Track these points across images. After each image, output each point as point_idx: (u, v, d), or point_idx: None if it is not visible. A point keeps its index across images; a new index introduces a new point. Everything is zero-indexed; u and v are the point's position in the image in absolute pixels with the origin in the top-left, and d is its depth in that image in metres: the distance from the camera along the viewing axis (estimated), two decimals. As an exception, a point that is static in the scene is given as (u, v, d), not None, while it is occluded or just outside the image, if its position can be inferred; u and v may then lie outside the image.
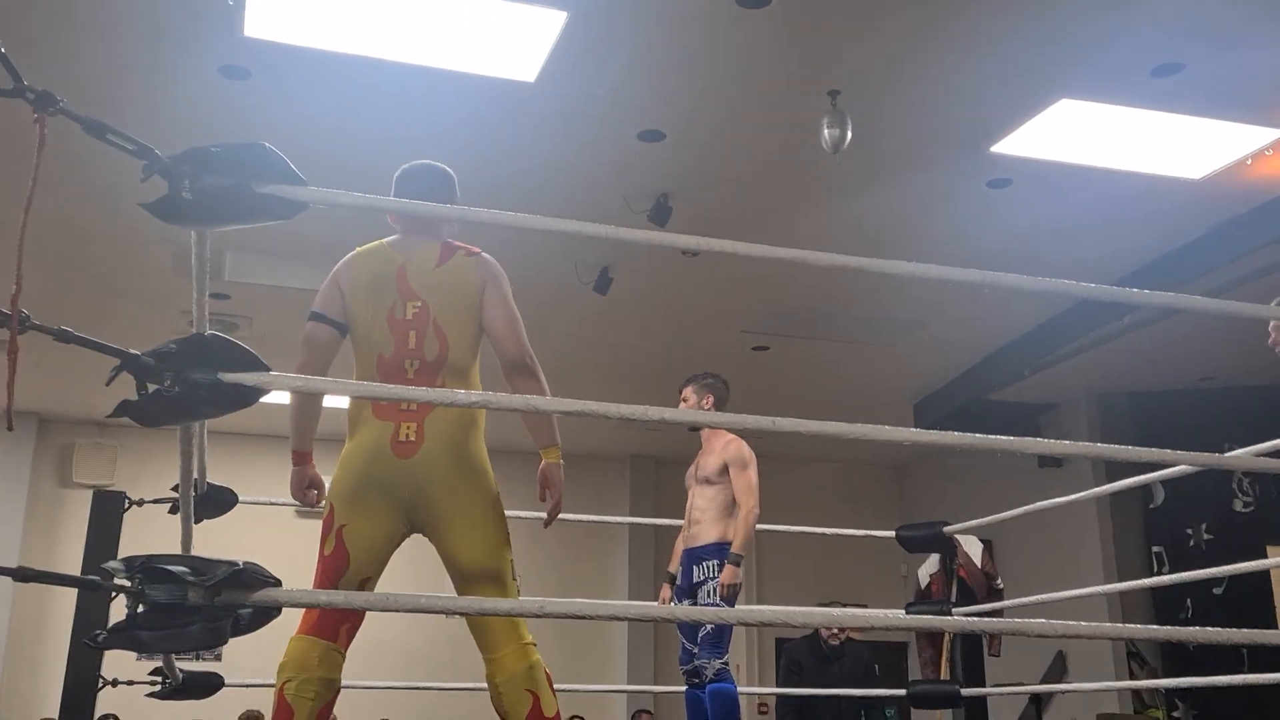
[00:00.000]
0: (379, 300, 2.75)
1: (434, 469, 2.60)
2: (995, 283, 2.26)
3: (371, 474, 2.62)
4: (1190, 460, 2.46)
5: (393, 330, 2.72)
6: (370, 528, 2.62)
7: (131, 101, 4.93)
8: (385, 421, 2.64)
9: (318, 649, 2.57)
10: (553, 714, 2.62)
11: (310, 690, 2.54)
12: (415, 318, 2.72)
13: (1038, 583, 6.41)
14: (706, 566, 4.31)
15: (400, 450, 2.61)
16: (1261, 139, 5.29)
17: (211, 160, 1.77)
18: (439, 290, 2.76)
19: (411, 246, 2.83)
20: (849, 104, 4.94)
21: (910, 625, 3.49)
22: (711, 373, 4.63)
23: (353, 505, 2.63)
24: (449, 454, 2.63)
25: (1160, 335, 7.24)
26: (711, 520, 4.40)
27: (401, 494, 2.62)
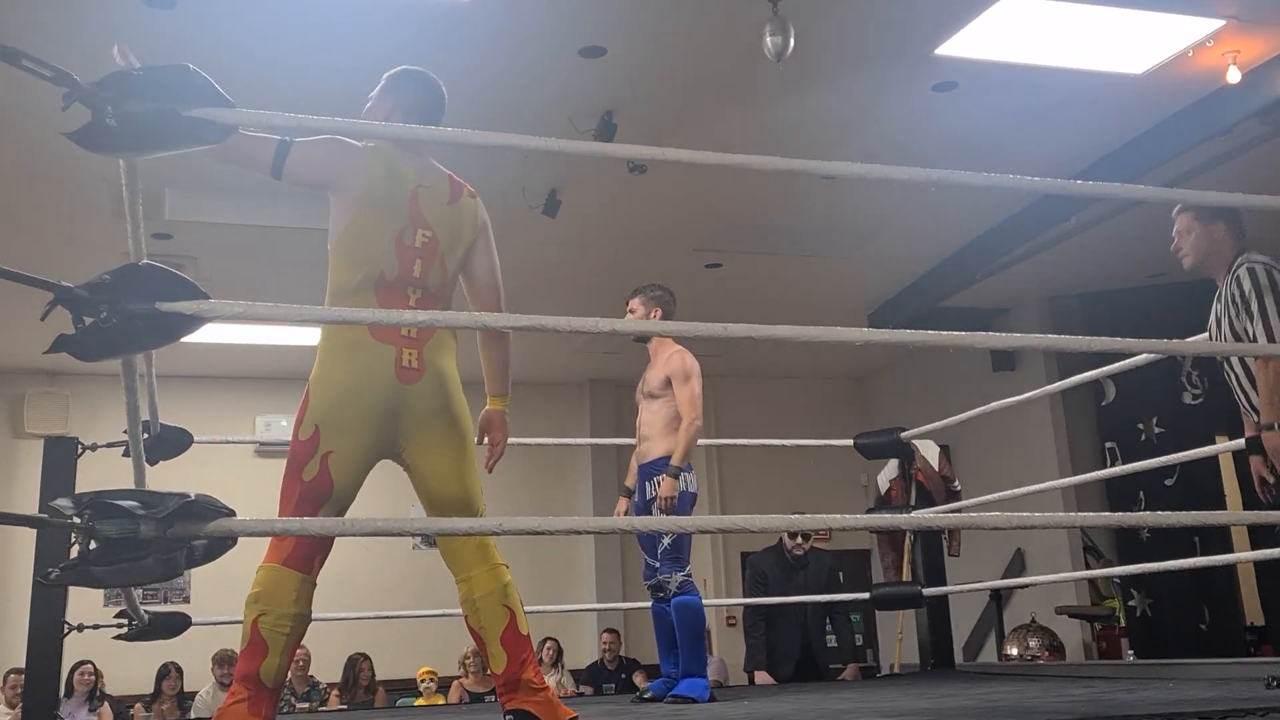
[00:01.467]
0: (389, 217, 2.67)
1: (434, 396, 2.64)
2: (941, 180, 2.25)
3: (371, 400, 2.57)
4: (1142, 348, 2.49)
5: (399, 253, 2.66)
6: (358, 455, 2.60)
7: (50, 32, 4.77)
8: (386, 345, 2.59)
9: (293, 581, 2.53)
10: (526, 633, 2.67)
11: (286, 626, 2.50)
12: (424, 247, 2.70)
13: (995, 484, 6.51)
14: (657, 482, 4.30)
15: (405, 376, 2.59)
16: (1202, 30, 5.29)
17: (134, 84, 1.72)
18: (449, 227, 2.77)
19: (422, 171, 2.77)
20: (791, 10, 4.88)
21: (870, 524, 3.54)
22: (658, 284, 4.54)
23: (343, 431, 2.57)
24: (445, 382, 2.67)
25: (1109, 234, 7.30)
26: (659, 435, 4.38)
27: (397, 420, 2.61)
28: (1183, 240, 3.48)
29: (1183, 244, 3.48)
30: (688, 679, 4.26)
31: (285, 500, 2.57)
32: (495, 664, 2.63)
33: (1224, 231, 3.40)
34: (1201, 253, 3.44)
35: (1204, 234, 3.42)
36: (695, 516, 4.04)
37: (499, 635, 2.60)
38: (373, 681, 8.62)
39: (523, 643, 2.64)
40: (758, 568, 6.49)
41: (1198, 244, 3.44)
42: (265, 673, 2.46)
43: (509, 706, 2.61)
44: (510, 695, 2.62)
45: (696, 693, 4.20)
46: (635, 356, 9.82)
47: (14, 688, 7.23)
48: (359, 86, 5.51)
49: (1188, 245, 3.46)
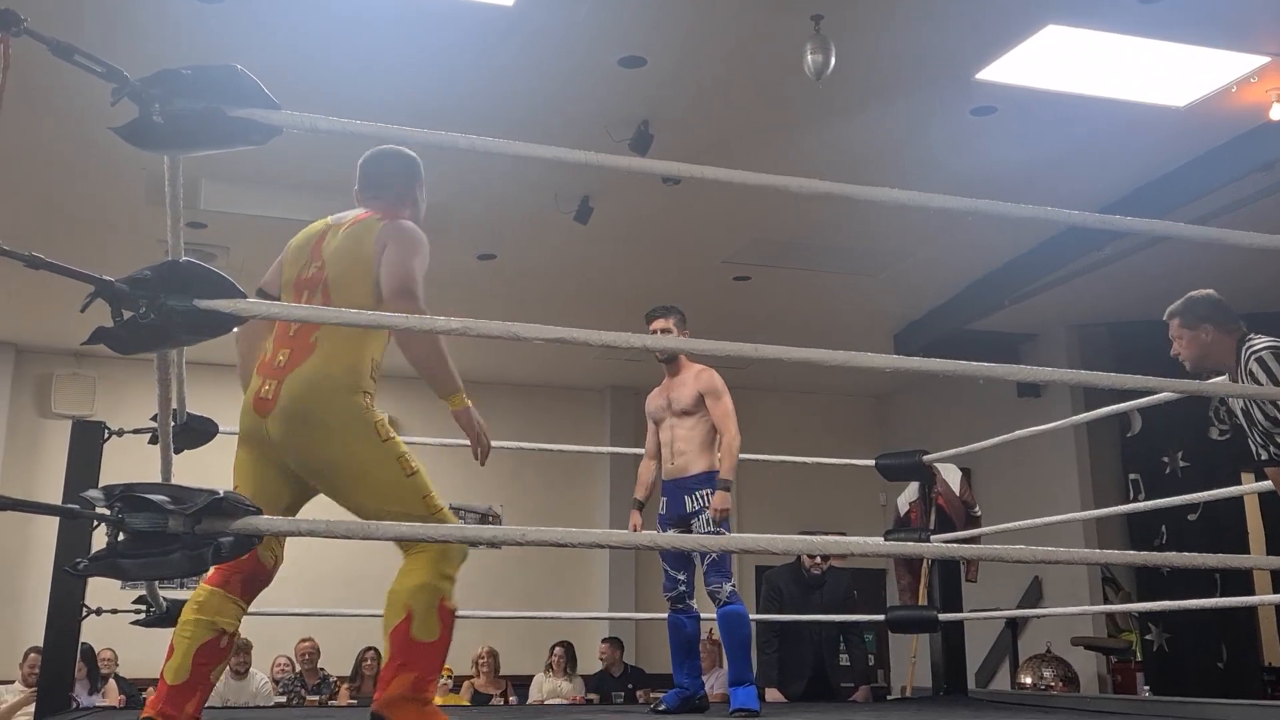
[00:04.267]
0: (296, 265, 2.83)
1: (285, 427, 2.59)
2: (979, 209, 2.25)
3: (244, 431, 2.69)
4: (1168, 386, 2.48)
5: (295, 291, 2.78)
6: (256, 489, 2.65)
7: (99, 24, 4.82)
8: (260, 377, 2.68)
9: (204, 593, 2.66)
10: (427, 640, 2.57)
11: (188, 630, 2.62)
12: (312, 278, 2.76)
13: (1016, 511, 6.48)
14: (699, 496, 4.33)
15: (258, 406, 2.63)
16: (1246, 66, 5.26)
17: (183, 83, 1.74)
18: (338, 252, 2.76)
19: (344, 216, 2.87)
20: (832, 29, 4.88)
21: (891, 551, 3.52)
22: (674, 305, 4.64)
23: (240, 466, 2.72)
24: (299, 414, 2.58)
25: (1140, 265, 7.25)
26: (696, 451, 4.41)
27: (270, 453, 2.64)
28: (1177, 345, 3.56)
29: (1179, 349, 3.55)
30: (741, 688, 4.26)
31: None
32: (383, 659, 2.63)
33: (1212, 332, 3.46)
34: (1197, 357, 3.52)
35: (1193, 340, 3.50)
36: (719, 536, 4.04)
37: (389, 630, 2.61)
38: (378, 674, 8.64)
39: (412, 647, 2.56)
40: (774, 584, 6.48)
41: (1190, 349, 3.52)
42: (168, 671, 2.60)
43: (372, 709, 2.58)
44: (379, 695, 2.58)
45: (754, 702, 4.23)
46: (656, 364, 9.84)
47: (32, 667, 7.28)
48: (402, 89, 5.59)
49: (1183, 350, 3.53)
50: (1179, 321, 3.52)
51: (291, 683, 8.28)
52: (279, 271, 2.89)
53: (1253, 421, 3.45)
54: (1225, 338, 3.46)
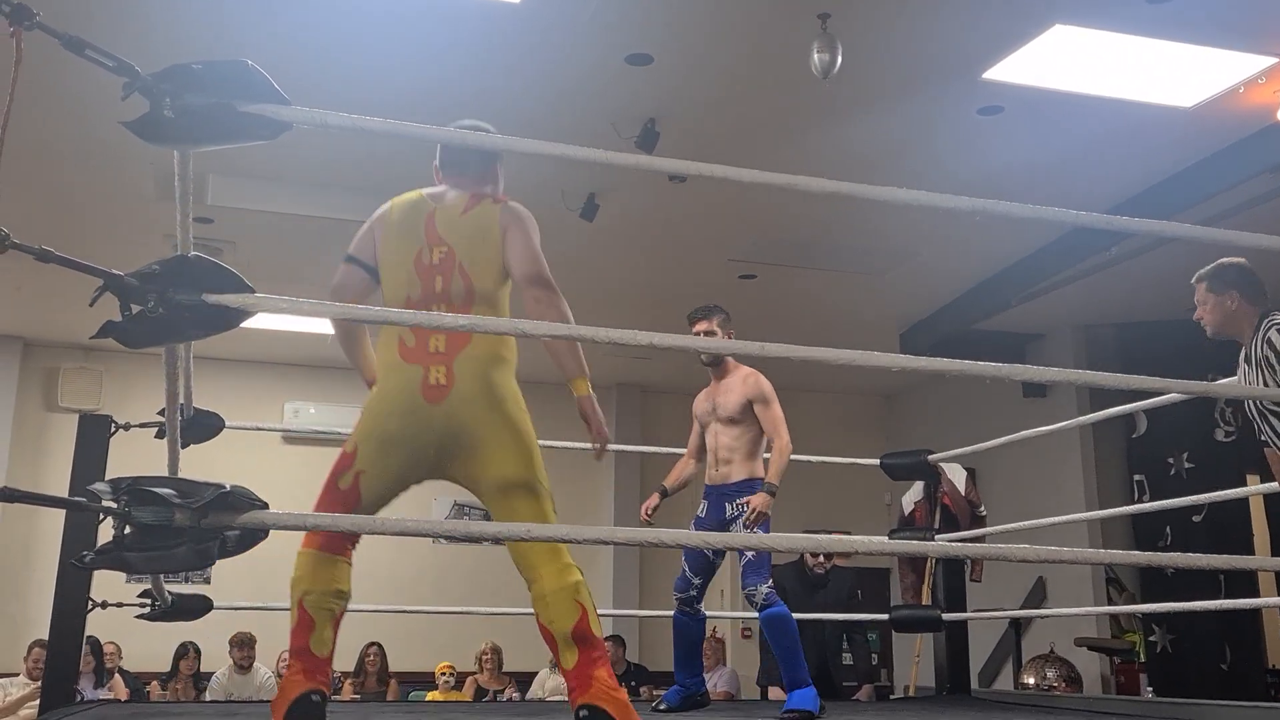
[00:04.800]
0: (408, 244, 2.80)
1: (465, 410, 2.64)
2: (986, 209, 2.25)
3: (401, 425, 2.66)
4: (1175, 388, 2.48)
5: (419, 274, 2.76)
6: (388, 479, 2.69)
7: (109, 19, 4.83)
8: (414, 365, 2.66)
9: (330, 563, 2.65)
10: (600, 634, 2.66)
11: (328, 602, 2.64)
12: (441, 262, 2.76)
13: (1021, 511, 6.48)
14: (740, 504, 4.24)
15: (431, 395, 2.63)
16: (1254, 66, 5.24)
17: (193, 78, 1.74)
18: (464, 235, 2.79)
19: (444, 195, 2.90)
20: (839, 28, 4.87)
21: (895, 550, 3.52)
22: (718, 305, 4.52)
23: (377, 455, 2.68)
24: (479, 393, 2.66)
25: (1148, 265, 7.24)
26: (741, 459, 4.32)
27: (431, 441, 2.65)
28: (1202, 310, 3.56)
29: (1203, 313, 3.56)
30: (797, 691, 4.14)
31: (321, 498, 2.71)
32: (565, 660, 2.61)
33: (1238, 299, 3.47)
34: (1219, 322, 3.52)
35: (1218, 305, 3.51)
36: (722, 534, 4.02)
37: (569, 631, 2.60)
38: (383, 671, 8.65)
39: (594, 641, 2.62)
40: (777, 582, 6.45)
41: (1214, 314, 3.52)
42: (315, 645, 2.62)
43: (580, 700, 2.58)
44: (582, 691, 2.59)
45: (810, 704, 4.10)
46: (665, 361, 9.87)
47: (36, 660, 7.30)
48: (410, 85, 5.60)
49: (1206, 315, 3.54)
50: (1206, 286, 3.53)
51: (296, 677, 8.29)
52: (373, 242, 2.87)
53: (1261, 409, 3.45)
54: (1249, 308, 3.47)
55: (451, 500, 9.72)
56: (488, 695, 8.46)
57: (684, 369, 10.44)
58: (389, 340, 2.74)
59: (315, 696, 2.56)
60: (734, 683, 8.49)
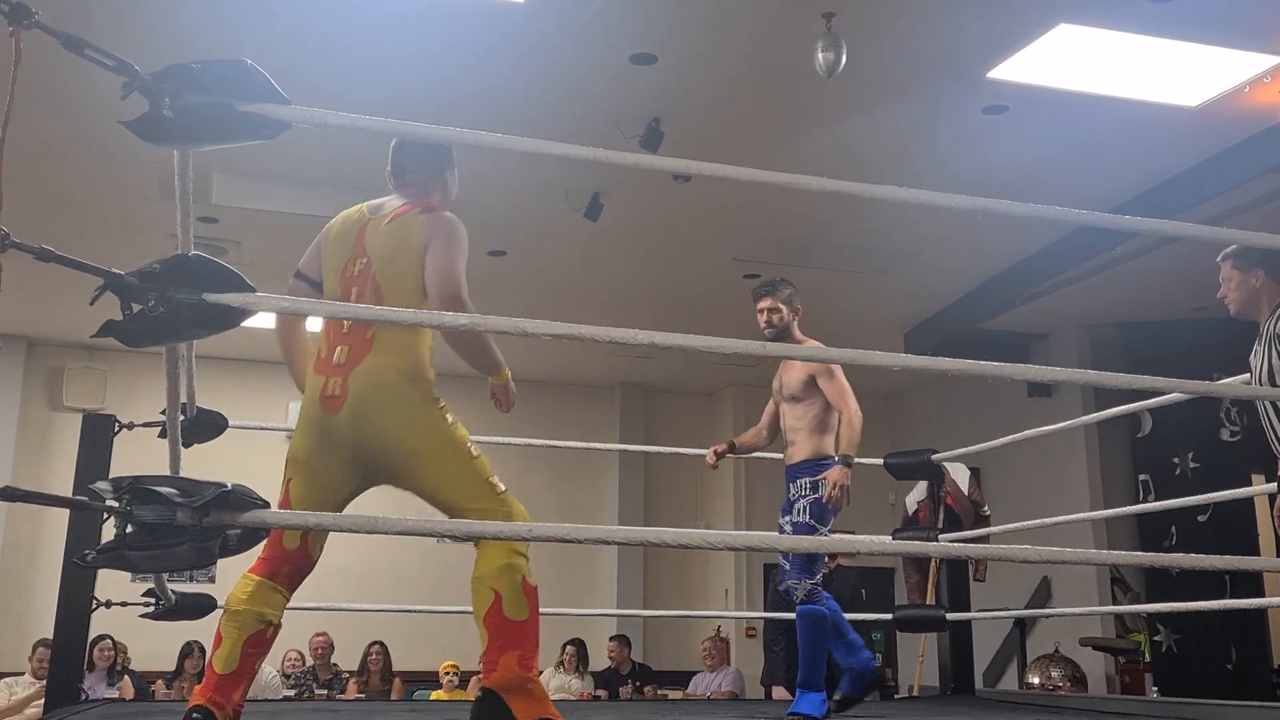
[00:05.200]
0: (340, 256, 2.84)
1: (361, 421, 2.64)
2: (989, 209, 2.24)
3: (306, 431, 2.72)
4: (1179, 387, 2.47)
5: (341, 285, 2.79)
6: (310, 484, 2.71)
7: (109, 18, 4.83)
8: (319, 375, 2.72)
9: (251, 584, 2.68)
10: (520, 618, 2.61)
11: (236, 621, 2.64)
12: (360, 274, 2.78)
13: (1025, 510, 6.46)
14: (800, 485, 4.08)
15: (326, 405, 2.67)
16: (1259, 65, 5.23)
17: (193, 77, 1.74)
18: (382, 246, 2.79)
19: (383, 205, 2.90)
20: (843, 27, 4.87)
21: (899, 550, 3.52)
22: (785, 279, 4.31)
23: (298, 461, 2.73)
24: (371, 408, 2.64)
25: (1152, 265, 7.22)
26: (804, 437, 4.15)
27: (341, 449, 2.67)
28: (1226, 287, 3.53)
29: (1226, 291, 3.53)
30: (807, 694, 4.02)
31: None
32: (482, 643, 2.62)
33: (1263, 278, 3.44)
34: (1242, 300, 3.50)
35: (1243, 282, 3.48)
36: (725, 533, 3.99)
37: (482, 615, 2.62)
38: (386, 670, 8.65)
39: (508, 627, 2.59)
40: (781, 582, 6.47)
41: (1238, 291, 3.49)
42: (217, 660, 2.63)
43: (483, 685, 2.60)
44: (487, 674, 2.60)
45: (815, 709, 4.00)
46: (665, 361, 9.87)
47: (41, 660, 7.31)
48: (412, 85, 5.60)
49: (1230, 292, 3.51)
50: (1232, 263, 3.50)
51: (303, 676, 8.30)
52: (318, 256, 2.91)
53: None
54: (1273, 286, 3.44)
55: (455, 500, 9.70)
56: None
57: (687, 369, 10.45)
58: (314, 352, 2.81)
59: (195, 714, 2.54)
60: (738, 682, 8.49)
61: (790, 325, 4.25)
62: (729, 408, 10.97)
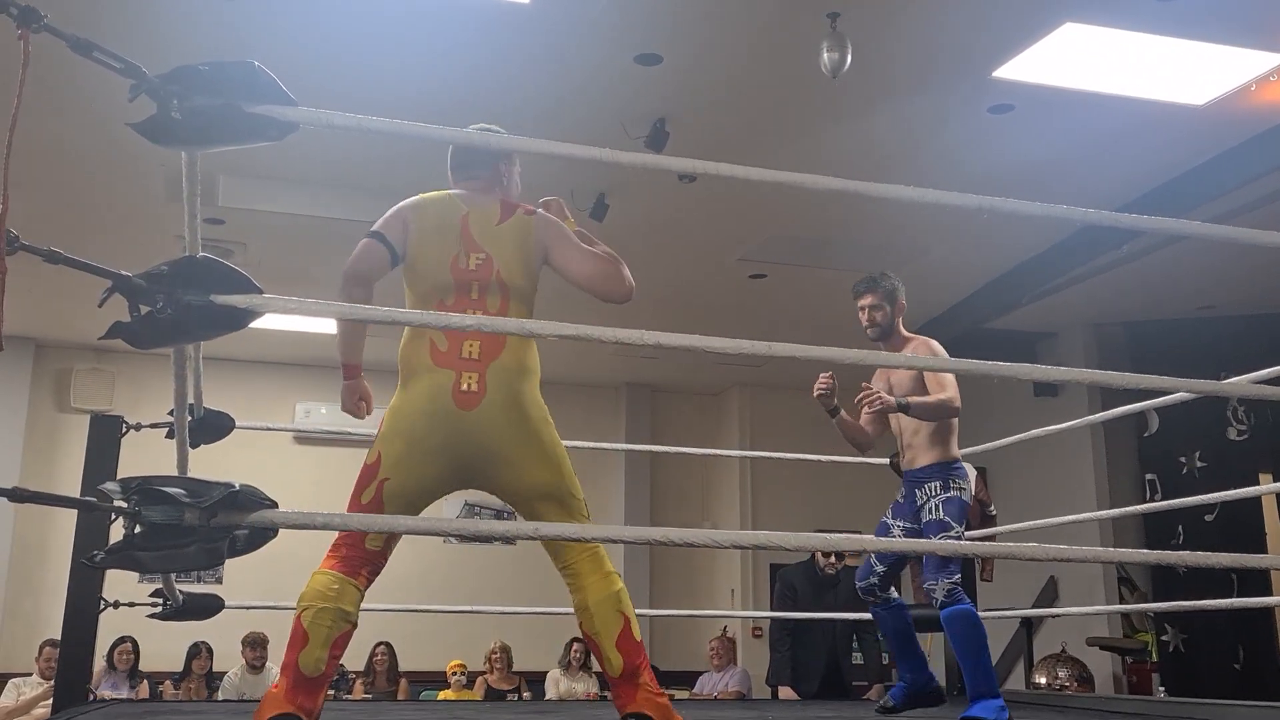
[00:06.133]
0: (444, 246, 2.78)
1: (495, 420, 2.63)
2: (995, 208, 2.24)
3: (429, 428, 2.63)
4: (1186, 387, 2.47)
5: (455, 278, 2.74)
6: (413, 486, 2.65)
7: (116, 20, 4.85)
8: (445, 370, 2.65)
9: (337, 582, 2.63)
10: (639, 640, 2.71)
11: (326, 618, 2.59)
12: (479, 269, 2.76)
13: (1031, 510, 6.46)
14: (929, 489, 3.93)
15: (462, 401, 2.61)
16: (1266, 64, 5.22)
17: (200, 79, 1.75)
18: (502, 246, 2.80)
19: (474, 200, 2.90)
20: (849, 27, 4.87)
21: (904, 549, 3.51)
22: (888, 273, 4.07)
23: (402, 462, 2.65)
24: (509, 404, 2.66)
25: (1159, 264, 7.21)
26: (926, 443, 3.98)
27: (460, 449, 2.64)
28: None
29: None
30: (979, 701, 3.74)
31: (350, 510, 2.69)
32: (610, 668, 2.67)
33: None
34: None
35: None
36: (732, 532, 3.96)
37: (614, 640, 2.65)
38: (392, 670, 8.66)
39: (637, 647, 2.69)
40: (788, 581, 6.48)
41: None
42: (304, 661, 2.56)
43: (628, 710, 2.65)
44: (628, 699, 2.66)
45: (991, 714, 3.69)
46: (672, 360, 9.86)
47: (48, 660, 7.34)
48: (418, 85, 5.60)
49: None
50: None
51: (308, 677, 8.31)
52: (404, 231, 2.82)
53: None
54: None
55: (462, 500, 9.73)
56: (508, 693, 8.46)
57: (693, 369, 10.45)
58: (418, 342, 2.72)
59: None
60: (745, 682, 8.49)
61: (895, 323, 4.02)
62: (735, 408, 10.98)
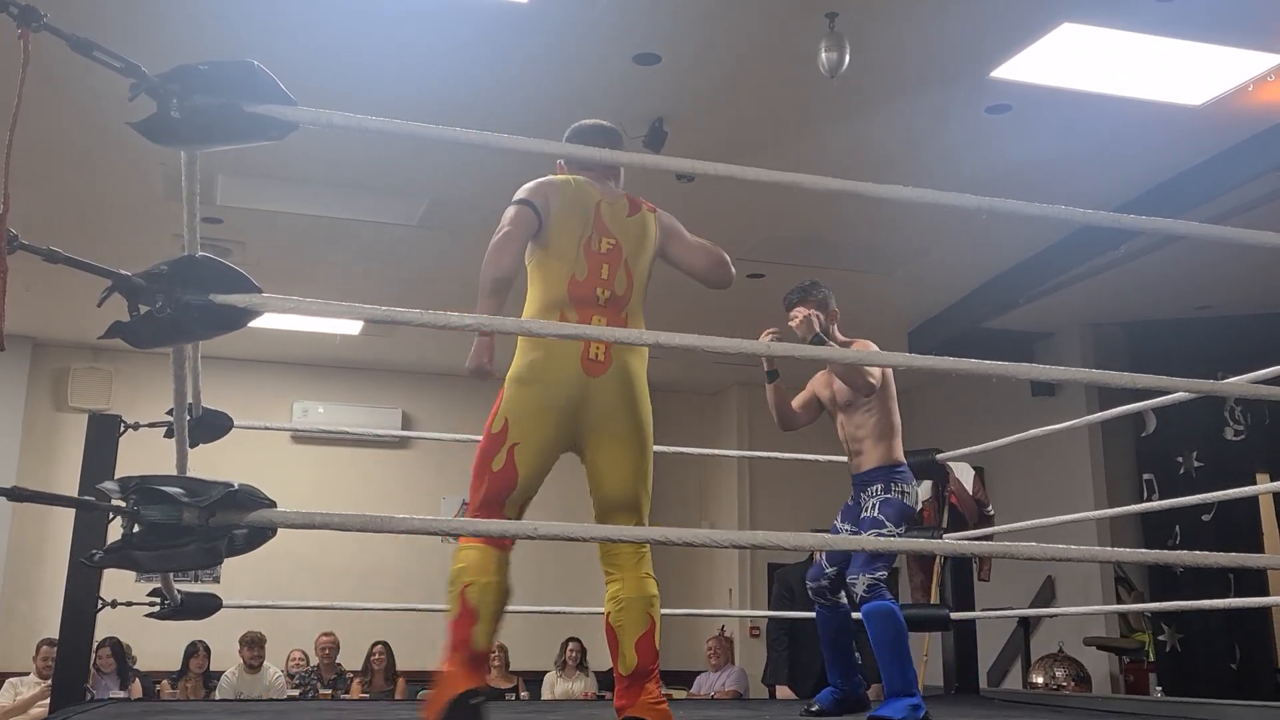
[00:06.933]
0: (578, 225, 2.92)
1: (617, 390, 2.78)
2: (994, 208, 2.24)
3: (558, 393, 2.75)
4: (1183, 387, 2.47)
5: (588, 258, 2.88)
6: (543, 447, 2.77)
7: (117, 19, 4.85)
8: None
9: (494, 556, 2.69)
10: (658, 648, 2.77)
11: (492, 594, 2.66)
12: (609, 253, 2.91)
13: (1029, 510, 6.46)
14: (872, 490, 3.99)
15: (590, 368, 2.75)
16: (1263, 64, 5.23)
17: (200, 79, 1.75)
18: (630, 236, 2.98)
19: (604, 189, 3.06)
20: (847, 27, 4.87)
21: (902, 549, 3.51)
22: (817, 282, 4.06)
23: (531, 422, 2.76)
24: (631, 379, 2.82)
25: (1157, 264, 7.22)
26: (871, 445, 4.03)
27: (581, 412, 2.77)
28: None
29: None
30: (893, 699, 3.74)
31: (474, 492, 2.79)
32: (624, 665, 2.71)
33: None
34: None
35: None
36: (730, 532, 3.95)
37: (635, 639, 2.71)
38: (390, 669, 8.66)
39: (654, 653, 2.73)
40: (785, 582, 6.48)
41: None
42: (477, 638, 2.62)
43: (626, 713, 2.68)
44: (630, 701, 2.69)
45: (901, 715, 3.67)
46: (670, 359, 9.86)
47: (45, 659, 7.33)
48: (416, 85, 5.61)
49: None
50: None
51: (307, 676, 8.32)
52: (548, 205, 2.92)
53: None
54: None
55: (460, 499, 9.73)
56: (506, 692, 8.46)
57: (691, 368, 10.45)
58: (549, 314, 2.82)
59: (477, 696, 2.52)
60: (742, 681, 8.49)
61: (831, 330, 4.03)
62: (733, 407, 10.98)
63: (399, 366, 10.12)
